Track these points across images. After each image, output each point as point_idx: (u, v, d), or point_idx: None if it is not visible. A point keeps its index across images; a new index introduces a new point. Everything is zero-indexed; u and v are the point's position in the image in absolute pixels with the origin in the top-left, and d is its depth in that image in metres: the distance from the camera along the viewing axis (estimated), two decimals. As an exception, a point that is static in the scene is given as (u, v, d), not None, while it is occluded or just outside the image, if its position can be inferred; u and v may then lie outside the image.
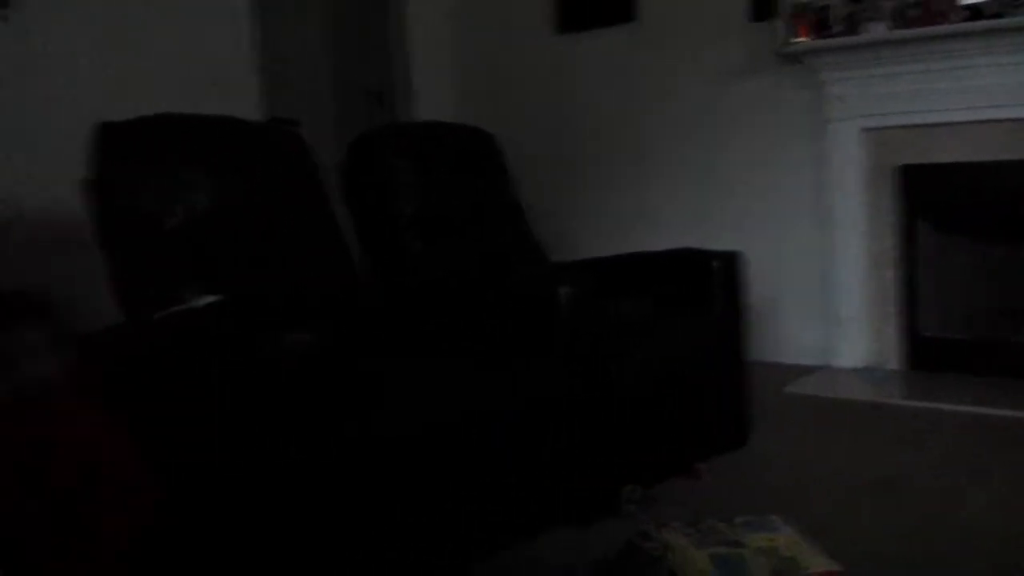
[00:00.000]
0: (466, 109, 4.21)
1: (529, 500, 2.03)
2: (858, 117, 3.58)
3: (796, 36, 3.57)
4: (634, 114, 4.16)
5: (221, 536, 1.60)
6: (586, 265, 2.92)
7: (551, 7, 4.32)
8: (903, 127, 3.53)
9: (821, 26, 3.54)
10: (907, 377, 3.57)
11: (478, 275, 2.62)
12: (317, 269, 2.30)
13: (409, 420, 1.78)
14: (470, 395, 1.95)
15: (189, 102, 2.49)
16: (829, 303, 3.75)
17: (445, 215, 2.74)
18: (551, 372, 2.15)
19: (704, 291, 2.67)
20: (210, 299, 1.81)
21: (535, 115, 4.37)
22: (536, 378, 2.10)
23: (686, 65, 4.01)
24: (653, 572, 1.79)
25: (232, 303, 1.77)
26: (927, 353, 3.59)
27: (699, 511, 2.10)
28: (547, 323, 2.35)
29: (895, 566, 1.87)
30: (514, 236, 2.97)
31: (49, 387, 1.53)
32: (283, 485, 1.58)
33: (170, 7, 3.37)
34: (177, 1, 3.39)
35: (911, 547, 1.98)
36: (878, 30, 3.41)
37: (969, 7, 3.25)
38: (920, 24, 3.33)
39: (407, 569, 1.77)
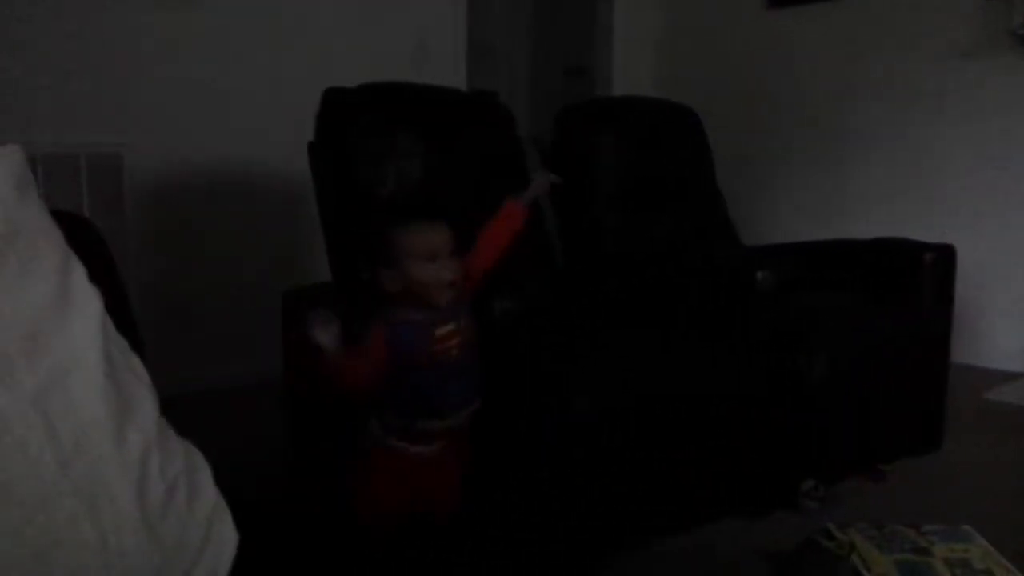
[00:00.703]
0: (665, 85, 4.18)
1: (705, 485, 2.04)
2: (1099, 106, 3.29)
3: (1036, 15, 3.32)
4: (846, 95, 3.99)
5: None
6: (786, 250, 2.85)
7: (764, -20, 4.20)
8: None
9: (1065, 5, 3.26)
10: None
11: (673, 254, 2.62)
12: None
13: (599, 397, 1.82)
14: (658, 375, 1.97)
15: (398, 74, 2.62)
16: (1044, 306, 3.50)
17: (643, 191, 2.75)
18: (742, 357, 2.13)
19: (912, 285, 2.56)
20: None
21: (737, 92, 4.28)
22: (726, 361, 2.09)
23: (908, 44, 3.79)
24: (836, 571, 1.77)
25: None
26: None
27: (883, 514, 2.05)
28: (742, 307, 2.33)
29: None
30: (711, 216, 2.94)
31: None
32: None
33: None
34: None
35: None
36: None
37: None
38: None
39: (584, 546, 1.83)
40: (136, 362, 0.76)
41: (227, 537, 0.76)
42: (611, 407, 1.83)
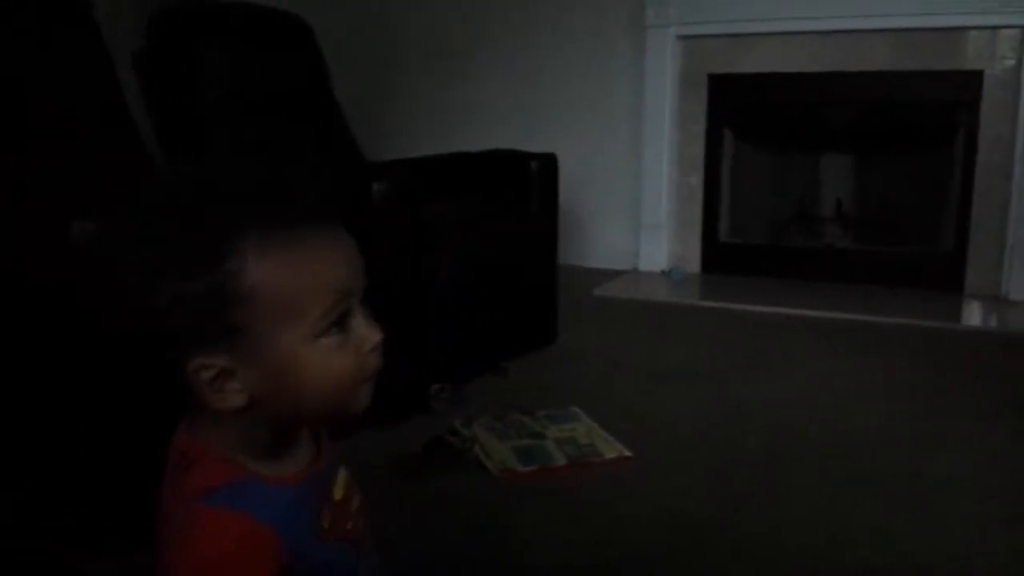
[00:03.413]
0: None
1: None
2: (675, 24, 3.66)
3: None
4: (453, 11, 4.07)
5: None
6: (404, 163, 2.86)
7: None
8: (716, 36, 3.65)
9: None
10: (705, 280, 3.79)
11: (285, 167, 2.51)
12: (103, 155, 2.12)
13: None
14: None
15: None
16: (638, 209, 3.89)
17: (254, 105, 2.60)
18: (365, 269, 2.11)
19: (521, 192, 2.70)
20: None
21: (349, 6, 4.18)
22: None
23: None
24: (456, 464, 1.84)
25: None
26: (724, 257, 3.81)
27: (506, 407, 2.17)
28: (360, 218, 2.30)
29: (682, 449, 2.00)
30: (330, 131, 2.86)
31: None
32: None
33: None
34: None
35: (700, 427, 2.14)
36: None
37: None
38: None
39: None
40: None
41: None
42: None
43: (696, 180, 3.80)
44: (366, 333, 0.75)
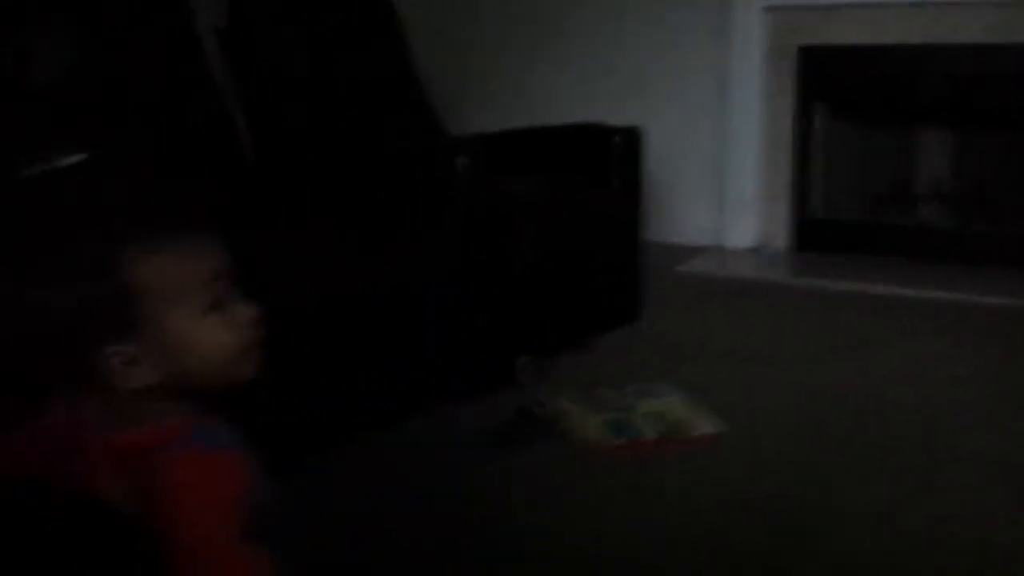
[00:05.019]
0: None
1: (426, 373, 2.02)
2: (762, -6, 3.56)
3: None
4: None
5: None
6: (485, 138, 2.85)
7: None
8: (805, 7, 3.52)
9: None
10: (794, 257, 3.68)
11: (373, 144, 2.52)
12: (195, 132, 2.17)
13: (304, 293, 1.71)
14: (365, 269, 1.90)
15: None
16: (724, 184, 3.80)
17: (339, 81, 2.61)
18: (448, 245, 2.11)
19: (603, 167, 2.66)
20: (77, 158, 1.70)
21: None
22: (433, 252, 2.07)
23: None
24: (544, 436, 1.83)
25: (99, 162, 1.65)
26: (815, 234, 3.70)
27: (592, 382, 2.15)
28: (444, 194, 2.30)
29: (770, 429, 1.95)
30: (412, 107, 2.87)
31: None
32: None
33: None
34: None
35: (784, 408, 2.07)
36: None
37: None
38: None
39: (311, 438, 1.74)
40: None
41: None
42: (317, 302, 1.73)
43: (784, 155, 3.69)
44: (243, 308, 0.90)
